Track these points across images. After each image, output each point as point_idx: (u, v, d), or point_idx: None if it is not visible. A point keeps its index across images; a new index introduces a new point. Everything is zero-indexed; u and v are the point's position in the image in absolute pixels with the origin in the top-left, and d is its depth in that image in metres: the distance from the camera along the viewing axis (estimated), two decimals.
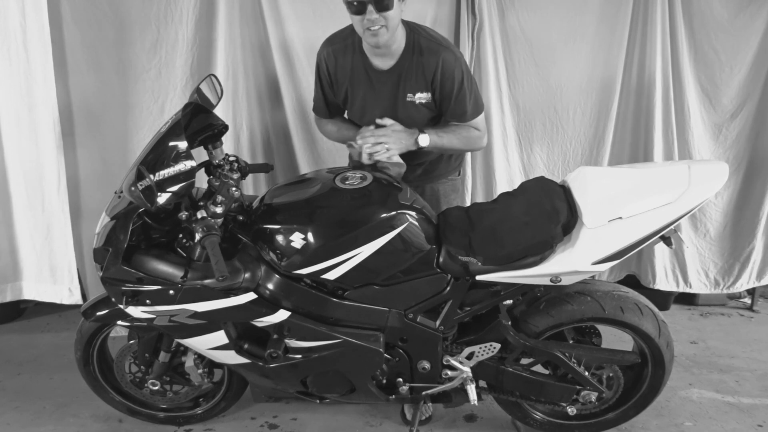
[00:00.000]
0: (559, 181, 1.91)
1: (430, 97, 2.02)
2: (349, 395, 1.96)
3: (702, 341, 2.96)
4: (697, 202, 1.70)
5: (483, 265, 1.75)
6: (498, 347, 1.90)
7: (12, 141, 2.67)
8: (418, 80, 1.99)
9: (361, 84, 2.06)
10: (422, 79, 1.99)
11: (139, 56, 2.69)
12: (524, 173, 3.06)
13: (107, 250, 1.68)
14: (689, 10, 2.88)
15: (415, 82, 2.00)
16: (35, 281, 2.87)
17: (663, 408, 2.35)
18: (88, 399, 2.26)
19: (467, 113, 2.05)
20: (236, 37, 2.72)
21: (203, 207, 1.65)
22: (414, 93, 2.01)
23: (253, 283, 1.74)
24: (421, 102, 2.03)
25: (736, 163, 3.12)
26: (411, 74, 1.99)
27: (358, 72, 2.04)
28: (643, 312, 1.91)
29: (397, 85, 2.01)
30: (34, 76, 2.58)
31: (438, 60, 1.95)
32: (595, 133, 3.03)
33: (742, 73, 2.99)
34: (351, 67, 2.04)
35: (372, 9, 1.80)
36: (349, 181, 1.79)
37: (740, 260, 3.20)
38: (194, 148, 1.71)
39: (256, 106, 2.86)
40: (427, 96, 2.02)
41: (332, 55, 2.06)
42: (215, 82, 1.85)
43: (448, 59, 1.96)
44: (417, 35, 1.98)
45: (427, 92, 2.01)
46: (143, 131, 2.74)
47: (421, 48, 1.96)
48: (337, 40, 2.06)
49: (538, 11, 2.84)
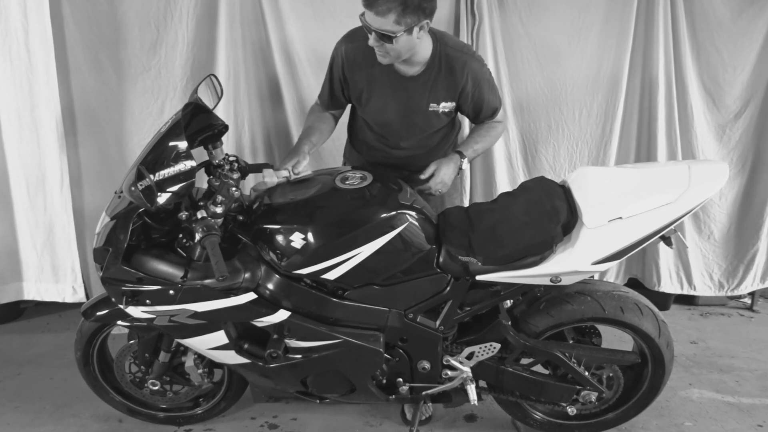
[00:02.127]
0: (559, 181, 1.91)
1: (453, 106, 2.04)
2: (349, 395, 1.96)
3: (702, 341, 2.96)
4: (697, 202, 1.70)
5: (483, 265, 1.75)
6: (498, 347, 1.90)
7: (13, 141, 2.68)
8: (447, 90, 1.99)
9: (381, 86, 2.03)
10: (451, 89, 1.99)
11: (139, 56, 2.70)
12: (528, 175, 3.04)
13: (107, 250, 1.68)
14: (691, 9, 2.87)
15: (442, 92, 1.99)
16: (35, 281, 2.87)
17: (663, 408, 2.35)
18: (88, 399, 2.26)
19: (497, 111, 2.13)
20: (237, 38, 2.72)
21: (203, 207, 1.65)
22: (439, 102, 2.01)
23: (253, 283, 1.74)
24: (444, 111, 2.03)
25: (739, 164, 3.11)
26: (437, 84, 1.98)
27: (380, 73, 2.00)
28: (643, 312, 1.90)
29: (422, 93, 2.00)
30: (36, 77, 2.59)
31: (466, 69, 1.95)
32: (602, 133, 3.00)
33: (745, 72, 2.97)
34: (372, 67, 1.98)
35: (375, 38, 1.79)
36: (349, 181, 1.80)
37: (744, 262, 3.19)
38: (194, 148, 1.70)
39: (257, 106, 2.86)
40: (451, 105, 2.03)
41: (351, 53, 2.00)
42: (215, 82, 1.84)
43: (475, 68, 1.97)
44: (443, 45, 1.95)
45: (452, 101, 2.02)
46: (143, 131, 2.74)
47: (448, 57, 1.95)
48: (359, 37, 1.96)
49: (540, 10, 2.82)
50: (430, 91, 1.99)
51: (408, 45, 1.81)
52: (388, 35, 1.75)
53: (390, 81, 2.00)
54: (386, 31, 1.75)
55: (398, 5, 1.70)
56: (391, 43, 1.77)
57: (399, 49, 1.81)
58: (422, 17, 1.77)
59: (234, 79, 2.76)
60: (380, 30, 1.75)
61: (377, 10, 1.72)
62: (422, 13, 1.76)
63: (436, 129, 2.09)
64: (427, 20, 1.80)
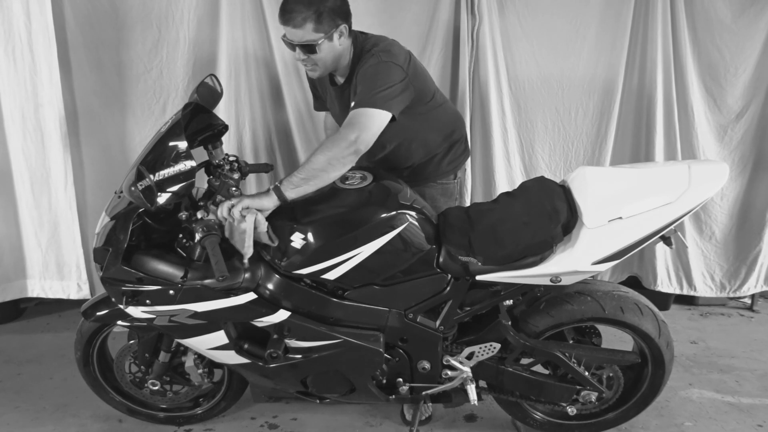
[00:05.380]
0: (559, 181, 1.91)
1: None
2: (349, 395, 1.96)
3: (702, 341, 2.96)
4: (697, 202, 1.70)
5: (483, 265, 1.75)
6: (498, 347, 1.90)
7: (17, 140, 2.70)
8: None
9: (330, 97, 2.14)
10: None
11: (141, 56, 2.71)
12: (525, 174, 3.05)
13: (107, 250, 1.68)
14: (691, 9, 2.87)
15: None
16: (39, 278, 2.89)
17: (663, 408, 2.35)
18: (88, 399, 2.26)
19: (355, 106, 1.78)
20: (238, 38, 2.73)
21: (203, 207, 1.65)
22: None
23: (253, 283, 1.74)
24: None
25: (741, 165, 3.10)
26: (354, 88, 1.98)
27: (326, 85, 2.10)
28: (643, 312, 1.90)
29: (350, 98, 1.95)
30: (40, 77, 2.61)
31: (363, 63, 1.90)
32: (597, 133, 3.01)
33: (747, 73, 2.97)
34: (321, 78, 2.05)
35: (299, 51, 1.84)
36: (349, 181, 1.80)
37: (746, 263, 3.18)
38: (194, 148, 1.71)
39: (258, 106, 2.87)
40: None
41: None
42: (215, 82, 1.85)
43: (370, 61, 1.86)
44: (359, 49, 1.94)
45: None
46: (145, 131, 2.76)
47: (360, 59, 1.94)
48: None
49: (539, 11, 2.84)
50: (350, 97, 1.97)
51: (332, 52, 1.86)
52: (310, 44, 1.80)
53: (332, 92, 2.09)
54: (308, 41, 1.80)
55: (312, 13, 1.76)
56: (315, 52, 1.82)
57: (324, 58, 1.86)
58: (338, 20, 1.81)
59: (235, 79, 2.77)
60: (302, 42, 1.80)
61: (294, 23, 1.78)
62: (337, 17, 1.81)
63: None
64: (344, 24, 1.84)
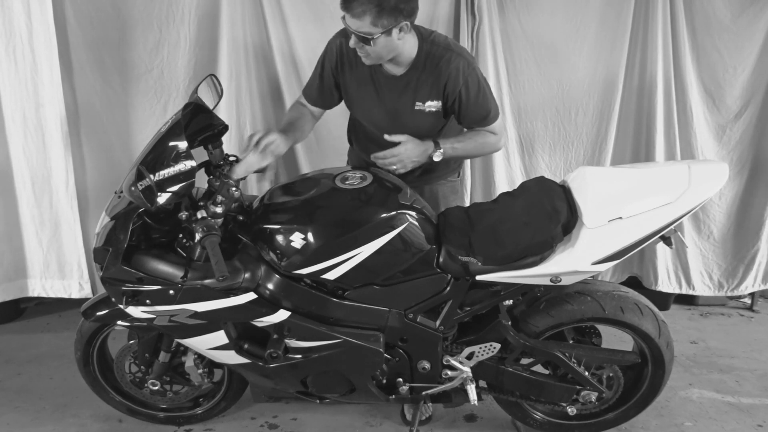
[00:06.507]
0: (559, 181, 1.91)
1: (440, 105, 1.99)
2: (349, 395, 1.96)
3: (702, 341, 2.96)
4: (697, 202, 1.70)
5: (483, 265, 1.75)
6: (498, 347, 1.90)
7: (18, 140, 2.70)
8: (431, 88, 1.96)
9: (369, 86, 2.03)
10: (434, 87, 1.95)
11: (142, 56, 2.71)
12: (525, 174, 3.05)
13: (107, 250, 1.68)
14: (691, 9, 2.87)
15: (427, 91, 1.96)
16: (40, 278, 2.89)
17: (663, 408, 2.35)
18: (88, 399, 2.26)
19: (487, 117, 2.01)
20: (239, 38, 2.73)
21: (203, 207, 1.65)
22: (424, 101, 1.98)
23: (253, 283, 1.74)
24: (431, 110, 2.00)
25: (740, 165, 3.10)
26: (422, 83, 1.96)
27: (368, 73, 2.01)
28: (643, 312, 1.90)
29: (406, 92, 1.98)
30: (41, 77, 2.61)
31: (450, 66, 1.91)
32: (597, 134, 3.01)
33: (746, 73, 2.97)
34: (362, 66, 1.98)
35: (355, 39, 1.80)
36: (349, 181, 1.80)
37: (744, 262, 3.18)
38: (194, 148, 1.70)
39: (259, 106, 2.87)
40: (437, 104, 1.99)
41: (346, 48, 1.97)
42: (215, 82, 1.85)
43: (461, 65, 1.92)
44: (429, 44, 1.93)
45: (438, 100, 1.98)
46: (146, 131, 2.76)
47: (433, 56, 1.92)
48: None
49: (539, 11, 2.83)
50: (415, 90, 1.97)
51: (388, 46, 1.81)
52: (366, 37, 1.76)
53: (377, 81, 2.01)
54: (364, 34, 1.75)
55: (373, 7, 1.70)
56: (370, 45, 1.78)
57: (379, 50, 1.81)
58: (400, 18, 1.76)
59: (236, 79, 2.77)
60: (358, 32, 1.76)
61: (353, 12, 1.72)
62: (399, 15, 1.75)
63: (427, 129, 2.04)
64: (406, 21, 1.79)
